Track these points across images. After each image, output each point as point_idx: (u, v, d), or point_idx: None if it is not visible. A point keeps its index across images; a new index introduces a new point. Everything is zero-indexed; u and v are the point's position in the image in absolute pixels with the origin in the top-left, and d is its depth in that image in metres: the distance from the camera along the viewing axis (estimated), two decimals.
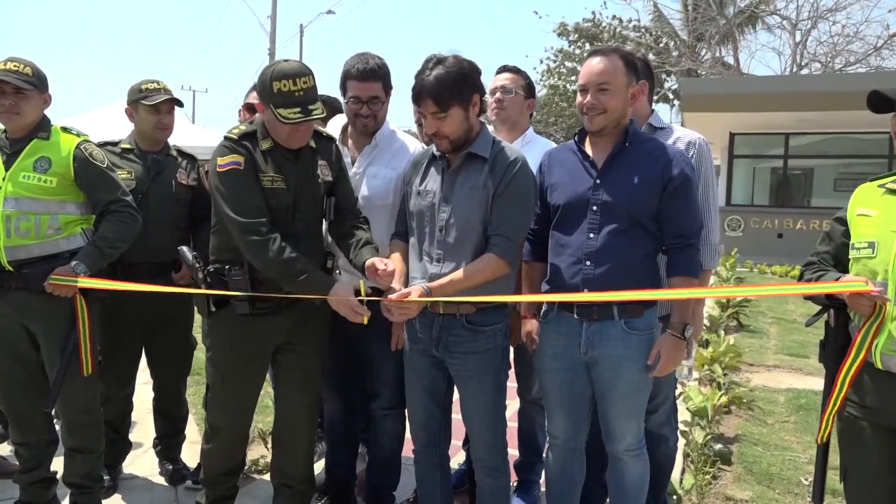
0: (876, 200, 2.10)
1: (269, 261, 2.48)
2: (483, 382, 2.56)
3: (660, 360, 2.42)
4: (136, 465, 3.64)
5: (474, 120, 2.50)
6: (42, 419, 2.98)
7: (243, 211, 2.50)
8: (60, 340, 2.81)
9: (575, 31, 24.79)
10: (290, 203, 2.62)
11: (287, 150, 2.62)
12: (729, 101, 13.93)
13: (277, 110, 2.45)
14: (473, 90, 2.46)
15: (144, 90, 3.25)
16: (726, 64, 23.43)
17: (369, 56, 2.85)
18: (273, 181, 2.58)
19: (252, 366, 2.76)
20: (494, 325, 2.54)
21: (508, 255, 2.46)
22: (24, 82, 2.78)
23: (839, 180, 15.98)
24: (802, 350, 6.73)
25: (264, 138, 2.60)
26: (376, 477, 3.17)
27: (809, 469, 3.81)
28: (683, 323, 2.44)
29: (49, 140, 2.86)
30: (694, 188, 2.49)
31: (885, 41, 20.94)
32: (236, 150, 2.55)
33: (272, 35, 25.68)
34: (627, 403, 2.50)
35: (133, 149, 3.30)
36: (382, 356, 2.95)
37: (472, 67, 2.47)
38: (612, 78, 2.42)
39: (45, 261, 2.76)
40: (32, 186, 2.76)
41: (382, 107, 2.89)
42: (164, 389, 3.49)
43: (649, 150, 2.49)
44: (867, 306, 1.95)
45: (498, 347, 2.56)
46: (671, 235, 2.45)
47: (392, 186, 2.90)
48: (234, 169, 2.53)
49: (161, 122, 3.27)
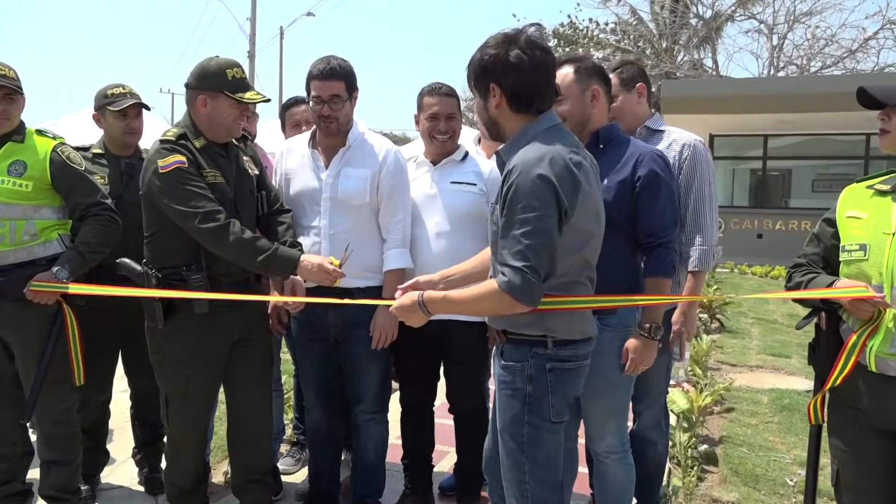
0: (865, 202, 2.09)
1: (232, 243, 2.51)
2: (501, 426, 2.16)
3: (629, 360, 2.43)
4: (114, 475, 3.57)
5: (496, 112, 2.12)
6: (17, 431, 2.90)
7: (195, 203, 2.52)
8: (37, 350, 2.74)
9: (554, 36, 24.83)
10: (232, 196, 2.68)
11: (219, 146, 2.71)
12: (708, 103, 14.06)
13: (237, 94, 2.61)
14: (490, 77, 2.09)
15: (110, 95, 3.19)
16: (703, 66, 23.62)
17: (331, 57, 2.91)
18: (215, 177, 2.64)
19: (212, 367, 2.75)
20: (514, 362, 2.12)
21: (517, 290, 1.91)
22: (15, 86, 2.75)
23: (817, 181, 16.21)
24: (784, 350, 6.78)
25: (197, 137, 2.66)
26: (361, 484, 3.12)
27: (794, 469, 3.83)
28: (653, 323, 2.45)
29: (24, 143, 2.80)
30: (665, 186, 2.49)
31: (860, 44, 21.23)
32: (176, 151, 2.59)
33: (252, 37, 25.50)
34: (604, 400, 2.50)
35: (104, 153, 3.25)
36: (365, 358, 2.93)
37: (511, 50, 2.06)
38: (561, 88, 2.34)
39: (21, 268, 2.69)
40: (7, 191, 2.69)
41: (344, 105, 2.88)
42: (142, 395, 3.40)
43: (622, 151, 2.51)
44: (868, 311, 1.94)
45: (517, 392, 2.11)
46: (643, 234, 2.48)
47: (367, 185, 2.91)
48: (178, 167, 2.56)
49: (129, 126, 3.22)
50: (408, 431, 3.22)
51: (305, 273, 2.61)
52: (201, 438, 2.87)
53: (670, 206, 2.51)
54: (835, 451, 2.16)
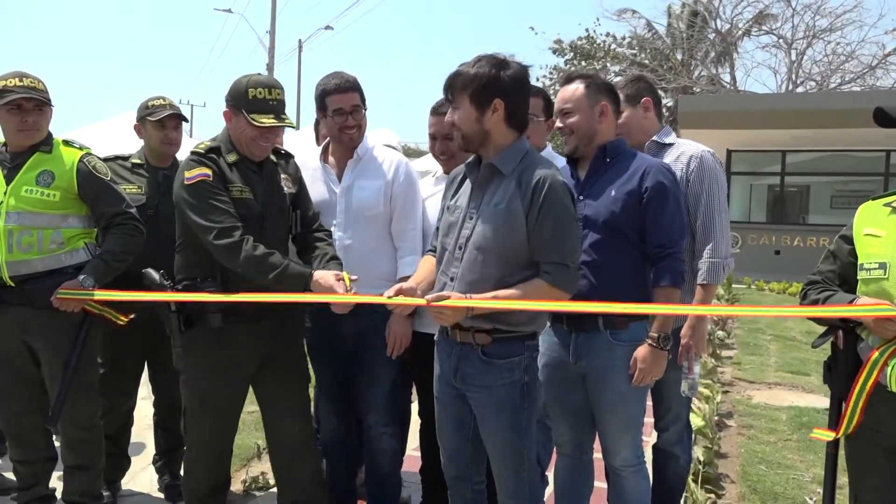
0: (883, 220, 2.08)
1: (244, 259, 2.51)
2: (498, 421, 2.35)
3: (637, 370, 2.45)
4: (135, 481, 3.61)
5: (492, 125, 2.31)
6: (41, 436, 2.95)
7: (214, 218, 2.54)
8: (63, 356, 2.78)
9: (571, 49, 24.90)
10: (259, 212, 2.67)
11: (252, 162, 2.70)
12: (726, 119, 14.03)
13: (251, 115, 2.57)
14: (495, 93, 2.28)
15: (150, 107, 3.29)
16: (721, 81, 23.56)
17: (341, 73, 2.97)
18: (241, 191, 2.64)
19: (231, 384, 2.73)
20: (511, 358, 2.32)
21: (563, 282, 2.26)
22: (45, 98, 2.81)
23: (835, 197, 16.05)
24: (803, 367, 6.71)
25: (229, 152, 2.68)
26: (375, 494, 3.13)
27: (813, 488, 3.79)
28: (663, 333, 2.46)
29: (51, 153, 2.85)
30: (672, 197, 2.50)
31: (879, 60, 21.11)
32: (203, 163, 2.62)
33: (271, 50, 25.78)
34: (618, 415, 2.52)
35: (143, 164, 3.32)
36: (377, 367, 2.95)
37: (506, 72, 2.29)
38: (572, 102, 2.60)
39: (48, 276, 2.74)
40: (35, 200, 2.75)
41: (364, 115, 2.97)
42: (166, 403, 3.46)
43: (629, 164, 2.56)
44: (893, 331, 1.91)
45: (515, 384, 2.32)
46: (651, 245, 2.50)
47: (381, 196, 2.97)
48: (202, 180, 2.59)
49: (167, 137, 3.29)
50: (427, 444, 3.23)
51: (318, 290, 2.55)
52: (219, 454, 2.84)
53: (678, 217, 2.53)
54: (853, 472, 2.15)
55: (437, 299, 2.24)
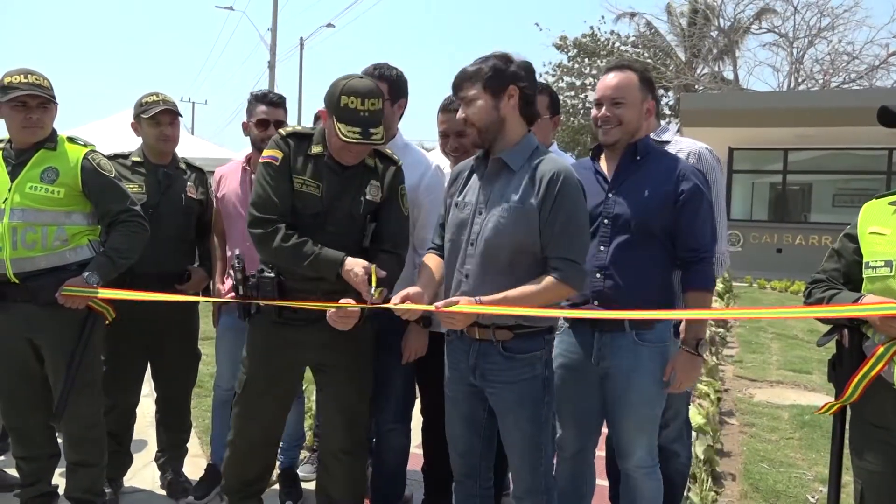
0: (888, 219, 2.09)
1: (275, 249, 2.48)
2: (519, 415, 2.36)
3: (675, 377, 2.42)
4: (137, 478, 3.61)
5: (509, 112, 2.33)
6: (44, 433, 2.95)
7: (258, 204, 2.53)
8: (67, 353, 2.78)
9: (574, 46, 24.90)
10: (321, 211, 2.56)
11: (336, 160, 2.57)
12: (728, 117, 14.01)
13: (338, 125, 2.42)
14: (509, 80, 2.31)
15: (144, 104, 3.26)
16: (725, 79, 23.54)
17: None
18: (304, 185, 2.56)
19: (275, 380, 2.68)
20: (533, 352, 2.34)
21: (572, 279, 2.27)
22: (50, 96, 2.80)
23: (838, 196, 16.01)
24: (805, 366, 6.71)
25: (318, 143, 2.59)
26: (381, 490, 3.14)
27: (816, 487, 3.79)
28: (697, 338, 2.44)
29: (56, 150, 2.85)
30: (706, 202, 2.49)
31: (882, 61, 21.05)
32: (279, 146, 2.58)
33: (272, 47, 25.75)
34: (638, 416, 2.50)
35: (143, 162, 3.31)
36: (391, 368, 2.93)
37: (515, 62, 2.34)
38: (626, 92, 2.50)
39: (52, 273, 2.74)
40: (40, 197, 2.75)
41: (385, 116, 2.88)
42: (168, 401, 3.46)
43: (661, 163, 2.52)
44: None
45: (537, 378, 2.35)
46: (683, 249, 2.47)
47: (410, 198, 2.87)
48: (269, 162, 2.57)
49: (163, 133, 3.27)
50: (430, 442, 3.23)
51: (347, 277, 2.45)
52: (247, 443, 2.75)
53: (710, 222, 2.52)
54: (858, 470, 2.15)
55: (446, 305, 2.23)
